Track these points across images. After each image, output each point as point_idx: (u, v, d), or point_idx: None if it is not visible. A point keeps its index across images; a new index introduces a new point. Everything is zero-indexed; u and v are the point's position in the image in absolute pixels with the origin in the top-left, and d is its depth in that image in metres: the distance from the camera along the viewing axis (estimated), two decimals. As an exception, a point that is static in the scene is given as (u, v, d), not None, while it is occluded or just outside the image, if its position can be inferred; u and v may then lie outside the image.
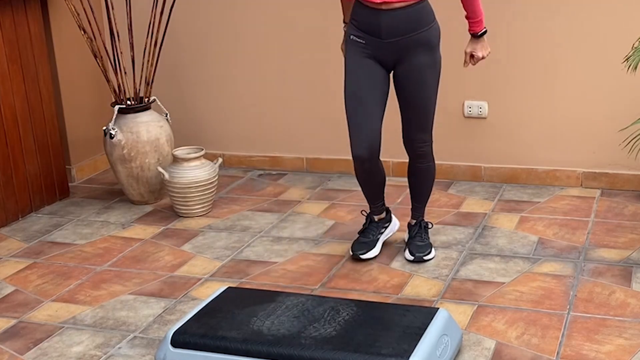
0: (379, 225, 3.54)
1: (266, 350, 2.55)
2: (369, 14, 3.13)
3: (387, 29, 3.12)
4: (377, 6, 3.09)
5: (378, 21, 3.11)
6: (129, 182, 4.20)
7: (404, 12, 3.11)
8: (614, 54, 3.85)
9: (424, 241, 3.47)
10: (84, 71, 4.63)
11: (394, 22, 3.11)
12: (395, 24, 3.11)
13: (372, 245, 3.48)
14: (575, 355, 2.68)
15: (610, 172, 4.19)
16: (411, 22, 3.13)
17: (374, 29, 3.14)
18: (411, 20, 3.13)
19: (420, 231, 3.50)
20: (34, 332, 2.99)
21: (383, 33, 3.13)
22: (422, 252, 3.42)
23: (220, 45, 4.68)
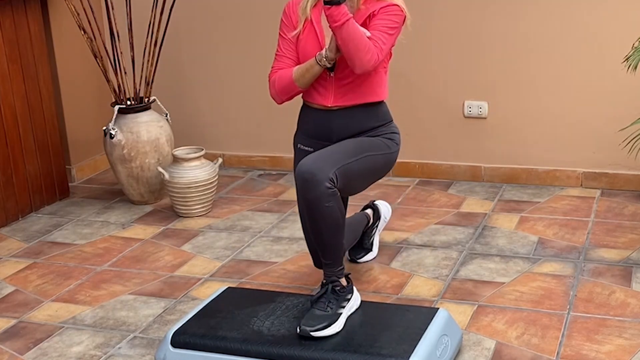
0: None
1: (266, 350, 2.55)
2: (318, 116, 2.90)
3: (338, 130, 2.87)
4: (327, 108, 2.87)
5: (329, 124, 2.87)
6: (129, 182, 4.20)
7: (356, 112, 2.87)
8: (614, 54, 3.85)
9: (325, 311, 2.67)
10: (84, 71, 4.63)
11: (346, 123, 2.87)
12: (348, 125, 2.87)
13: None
14: (575, 355, 2.68)
15: (610, 172, 4.19)
16: (364, 120, 2.88)
17: (324, 131, 2.89)
18: (365, 120, 2.88)
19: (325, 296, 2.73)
20: (34, 332, 2.99)
21: (334, 135, 2.88)
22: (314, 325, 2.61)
23: (220, 45, 4.68)
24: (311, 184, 2.63)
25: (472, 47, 4.24)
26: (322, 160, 2.69)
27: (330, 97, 2.86)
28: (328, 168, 2.66)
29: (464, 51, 4.25)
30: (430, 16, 4.27)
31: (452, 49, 4.29)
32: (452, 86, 4.32)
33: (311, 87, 2.90)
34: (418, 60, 4.33)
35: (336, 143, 2.86)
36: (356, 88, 2.85)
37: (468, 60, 4.27)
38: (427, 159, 4.47)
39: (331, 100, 2.86)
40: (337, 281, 2.75)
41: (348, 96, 2.85)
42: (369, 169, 2.85)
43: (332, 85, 2.85)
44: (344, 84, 2.84)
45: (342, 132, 2.87)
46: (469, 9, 4.22)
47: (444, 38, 4.29)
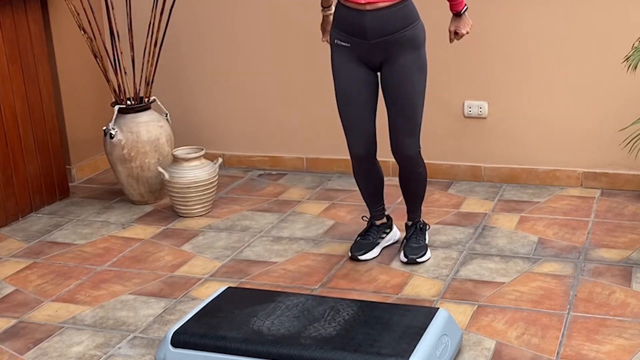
0: (379, 230, 3.52)
1: (266, 350, 2.55)
2: (352, 16, 3.11)
3: (372, 30, 3.09)
4: (361, 7, 3.07)
5: (362, 22, 3.09)
6: (129, 182, 4.20)
7: (388, 12, 3.08)
8: (614, 54, 3.85)
9: (419, 243, 3.46)
10: (84, 71, 4.63)
11: (378, 22, 3.08)
12: (380, 24, 3.09)
13: (372, 247, 3.47)
14: (575, 355, 2.68)
15: (610, 172, 4.19)
16: (396, 21, 3.10)
17: (358, 30, 3.11)
18: (396, 19, 3.10)
19: (416, 232, 3.48)
20: (34, 332, 2.99)
21: (368, 34, 3.10)
22: (416, 254, 3.41)
23: (220, 45, 4.68)
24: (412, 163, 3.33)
25: (472, 47, 4.23)
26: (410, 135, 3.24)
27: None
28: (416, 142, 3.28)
29: (464, 51, 4.25)
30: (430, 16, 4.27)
31: (452, 49, 4.28)
32: (452, 86, 4.32)
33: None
34: (418, 60, 4.33)
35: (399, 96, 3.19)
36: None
37: (468, 60, 4.27)
38: (427, 159, 4.41)
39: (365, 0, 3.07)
40: (420, 220, 3.50)
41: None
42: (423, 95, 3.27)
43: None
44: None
45: (376, 32, 3.09)
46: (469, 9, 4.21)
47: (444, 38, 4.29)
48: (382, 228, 3.53)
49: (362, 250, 3.44)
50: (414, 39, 3.16)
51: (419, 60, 3.19)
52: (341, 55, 3.20)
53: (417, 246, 3.44)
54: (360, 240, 3.49)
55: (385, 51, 3.14)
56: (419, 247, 3.44)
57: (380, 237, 3.52)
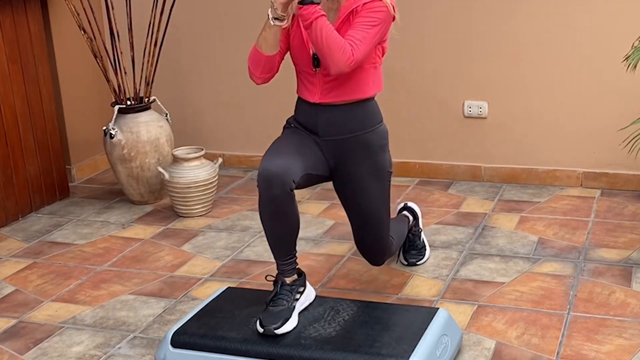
0: (292, 289, 2.77)
1: (266, 350, 2.55)
2: (307, 110, 2.86)
3: (323, 126, 2.82)
4: (314, 100, 2.82)
5: (315, 118, 2.83)
6: (129, 182, 4.20)
7: (344, 110, 2.81)
8: (614, 53, 3.85)
9: (417, 248, 3.41)
10: (84, 71, 4.63)
11: (332, 120, 2.81)
12: (334, 123, 2.81)
13: (288, 314, 2.69)
14: (575, 355, 2.68)
15: (610, 172, 4.19)
16: (352, 122, 2.81)
17: (311, 125, 2.85)
18: (352, 119, 2.81)
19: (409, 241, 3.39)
20: (34, 332, 2.99)
21: (320, 131, 2.83)
22: (415, 258, 3.39)
23: (221, 45, 4.68)
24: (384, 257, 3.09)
25: (472, 47, 4.24)
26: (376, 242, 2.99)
27: (317, 93, 2.82)
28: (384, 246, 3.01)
29: (464, 51, 4.25)
30: (430, 16, 4.27)
31: (452, 49, 4.29)
32: (452, 86, 4.32)
33: (301, 83, 2.89)
34: (418, 60, 4.33)
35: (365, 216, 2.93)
36: (342, 85, 2.79)
37: (468, 60, 4.27)
38: (427, 159, 4.47)
39: (317, 96, 2.82)
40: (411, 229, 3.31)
41: (334, 93, 2.80)
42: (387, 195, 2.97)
43: (319, 81, 2.81)
44: (329, 80, 2.79)
45: (328, 129, 2.83)
46: (469, 9, 4.22)
47: (444, 38, 4.29)
48: (294, 287, 2.78)
49: (278, 321, 2.64)
50: (371, 144, 2.85)
51: (375, 169, 2.88)
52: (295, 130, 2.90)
53: (415, 252, 3.40)
54: (271, 308, 2.70)
55: (337, 153, 2.84)
56: (417, 252, 3.41)
57: (294, 299, 2.76)
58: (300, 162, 2.72)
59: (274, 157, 2.69)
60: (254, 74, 2.83)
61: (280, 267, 2.79)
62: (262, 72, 2.81)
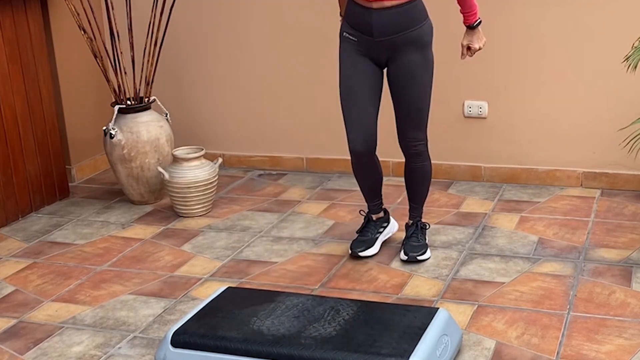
0: (377, 225, 3.54)
1: (266, 350, 2.55)
2: (361, 13, 3.14)
3: (378, 28, 3.12)
4: (368, 4, 3.10)
5: (369, 20, 3.12)
6: (129, 182, 4.20)
7: (395, 11, 3.11)
8: (614, 54, 3.85)
9: (420, 242, 3.46)
10: (84, 71, 4.63)
11: (385, 20, 3.11)
12: (387, 23, 3.12)
13: (371, 243, 3.48)
14: (575, 355, 2.68)
15: (610, 172, 4.19)
16: (402, 21, 3.13)
17: (365, 27, 3.14)
18: (402, 18, 3.12)
19: (416, 231, 3.49)
20: (34, 332, 2.99)
21: (375, 32, 3.13)
22: (416, 252, 3.41)
23: (220, 45, 4.68)
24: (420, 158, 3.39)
25: (472, 47, 4.24)
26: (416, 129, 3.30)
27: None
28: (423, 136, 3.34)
29: (464, 51, 4.25)
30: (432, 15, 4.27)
31: (452, 49, 4.28)
32: (452, 86, 4.32)
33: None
34: (418, 60, 4.33)
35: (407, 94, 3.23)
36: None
37: (468, 60, 4.26)
38: (427, 159, 4.47)
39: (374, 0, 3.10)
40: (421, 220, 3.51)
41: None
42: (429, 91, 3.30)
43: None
44: None
45: (381, 30, 3.12)
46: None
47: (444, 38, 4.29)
48: (379, 222, 3.55)
49: (362, 247, 3.45)
50: (420, 39, 3.18)
51: (424, 59, 3.21)
52: (348, 48, 3.23)
53: (417, 244, 3.44)
54: (360, 237, 3.51)
55: (390, 49, 3.17)
56: (419, 246, 3.44)
57: (378, 231, 3.53)
58: (373, 112, 3.24)
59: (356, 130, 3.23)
60: None
61: (369, 207, 3.53)
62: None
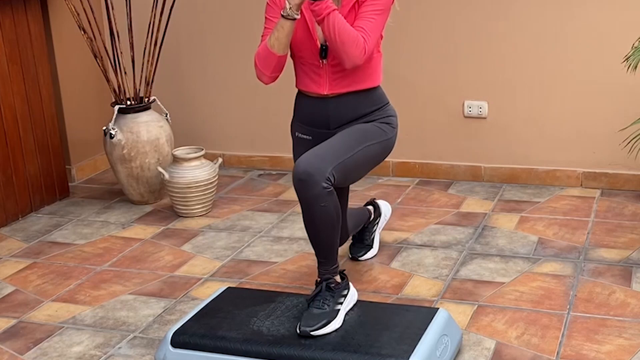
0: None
1: (266, 350, 2.55)
2: (314, 104, 2.88)
3: (335, 117, 2.86)
4: (323, 94, 2.84)
5: (326, 111, 2.86)
6: (129, 182, 4.20)
7: (352, 98, 2.85)
8: (614, 54, 3.85)
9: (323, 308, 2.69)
10: (84, 71, 4.63)
11: (342, 109, 2.85)
12: (344, 111, 2.86)
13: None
14: (575, 355, 2.68)
15: (610, 172, 4.19)
16: (361, 107, 2.87)
17: (321, 119, 2.88)
18: (361, 105, 2.87)
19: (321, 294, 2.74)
20: (34, 332, 2.99)
21: (331, 122, 2.87)
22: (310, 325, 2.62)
23: (220, 46, 4.68)
24: (308, 184, 2.63)
25: (471, 47, 4.24)
26: (319, 159, 2.67)
27: (326, 85, 2.84)
28: (325, 167, 2.65)
29: (464, 51, 4.25)
30: (430, 16, 4.27)
31: (452, 49, 4.29)
32: (452, 86, 4.32)
33: (305, 76, 2.89)
34: (418, 60, 4.33)
35: (332, 137, 2.84)
36: (350, 75, 2.82)
37: (468, 60, 4.27)
38: (427, 159, 4.47)
39: (326, 88, 2.84)
40: (331, 278, 2.76)
41: (343, 83, 2.83)
42: (367, 159, 2.85)
43: (327, 72, 2.83)
44: (337, 71, 2.81)
45: (339, 118, 2.86)
46: (469, 9, 4.22)
47: (444, 38, 4.29)
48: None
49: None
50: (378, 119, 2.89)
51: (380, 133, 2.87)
52: (303, 147, 2.90)
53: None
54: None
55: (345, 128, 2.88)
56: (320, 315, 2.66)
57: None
58: None
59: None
60: (263, 74, 2.83)
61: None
62: (272, 71, 2.83)
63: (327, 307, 2.67)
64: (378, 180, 4.45)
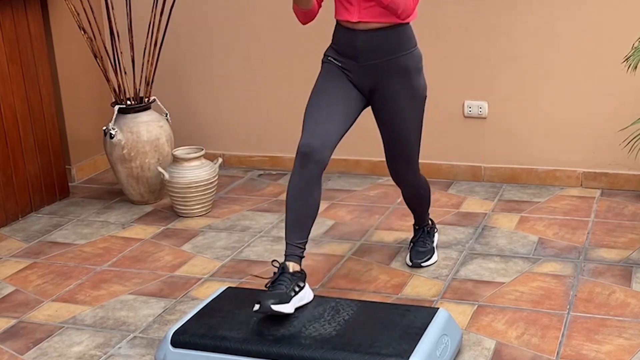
0: (293, 278, 2.75)
1: (266, 350, 2.55)
2: (346, 35, 2.93)
3: (363, 51, 2.91)
4: (353, 26, 2.89)
5: (354, 42, 2.91)
6: (129, 182, 4.20)
7: (381, 34, 2.89)
8: (614, 54, 3.85)
9: (426, 247, 3.40)
10: (84, 71, 4.63)
11: (370, 43, 2.90)
12: (372, 46, 2.90)
13: (286, 298, 2.66)
14: (575, 355, 2.68)
15: (610, 172, 4.19)
16: (388, 45, 2.91)
17: (350, 50, 2.93)
18: (389, 42, 2.91)
19: (423, 236, 3.43)
20: (34, 332, 2.99)
21: (359, 55, 2.92)
22: (421, 258, 3.36)
23: (220, 46, 4.68)
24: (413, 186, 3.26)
25: (471, 46, 4.24)
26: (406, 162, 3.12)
27: (355, 12, 2.89)
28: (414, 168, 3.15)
29: (464, 51, 4.25)
30: (430, 16, 4.27)
31: (451, 49, 4.29)
32: (452, 86, 4.32)
33: (339, 4, 2.94)
34: (418, 60, 4.33)
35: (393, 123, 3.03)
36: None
37: (468, 60, 4.27)
38: (427, 159, 4.46)
39: (356, 15, 2.88)
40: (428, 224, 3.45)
41: (373, 12, 2.86)
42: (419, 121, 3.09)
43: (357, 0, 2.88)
44: None
45: (367, 53, 2.92)
46: (468, 9, 4.22)
47: (444, 38, 4.29)
48: (294, 279, 2.75)
49: (275, 299, 2.64)
50: (406, 67, 2.95)
51: (411, 89, 2.99)
52: (331, 68, 2.99)
53: (423, 250, 3.39)
54: (270, 289, 2.70)
55: (375, 76, 2.95)
56: (425, 252, 3.39)
57: (293, 289, 2.72)
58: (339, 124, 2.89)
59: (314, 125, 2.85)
60: (299, 19, 3.00)
61: (289, 249, 2.81)
62: (304, 19, 2.98)
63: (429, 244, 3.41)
64: (378, 180, 4.45)
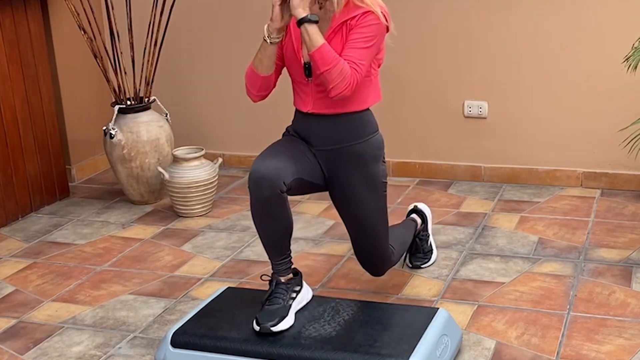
0: (288, 288, 2.75)
1: (266, 350, 2.55)
2: (300, 119, 2.83)
3: (317, 137, 2.78)
4: (306, 110, 2.78)
5: (308, 128, 2.79)
6: (129, 182, 4.20)
7: (334, 121, 2.75)
8: (614, 54, 3.85)
9: (423, 250, 3.34)
10: (84, 71, 4.63)
11: (323, 130, 2.76)
12: (325, 133, 2.77)
13: (284, 312, 2.67)
14: (575, 355, 2.68)
15: (610, 172, 4.19)
16: (343, 133, 2.76)
17: (305, 135, 2.81)
18: (343, 130, 2.76)
19: (417, 244, 3.32)
20: (34, 332, 2.99)
21: (313, 141, 2.79)
22: (420, 260, 3.33)
23: (220, 46, 4.68)
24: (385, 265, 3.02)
25: (471, 47, 4.24)
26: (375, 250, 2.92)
27: (310, 103, 2.78)
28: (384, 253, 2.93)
29: (464, 51, 4.25)
30: (430, 16, 4.27)
31: (451, 49, 4.29)
32: (452, 86, 4.32)
33: (295, 93, 2.84)
34: (418, 60, 4.33)
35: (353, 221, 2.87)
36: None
37: (468, 60, 4.27)
38: (427, 159, 4.47)
39: (310, 106, 2.76)
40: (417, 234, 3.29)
41: (327, 102, 2.73)
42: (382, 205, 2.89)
43: (312, 90, 2.76)
44: (321, 90, 2.72)
45: (320, 139, 2.78)
46: (469, 9, 4.22)
47: (444, 38, 4.29)
48: (290, 286, 2.76)
49: (275, 319, 2.64)
50: (363, 155, 2.78)
51: (368, 178, 2.81)
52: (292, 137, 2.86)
53: (420, 254, 3.34)
54: (267, 307, 2.69)
55: (330, 163, 2.80)
56: (423, 254, 3.34)
57: (290, 297, 2.74)
58: (293, 166, 2.68)
59: (266, 159, 2.66)
60: (250, 92, 2.86)
61: (274, 266, 2.76)
62: (259, 90, 2.83)
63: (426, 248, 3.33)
64: (378, 180, 4.45)
